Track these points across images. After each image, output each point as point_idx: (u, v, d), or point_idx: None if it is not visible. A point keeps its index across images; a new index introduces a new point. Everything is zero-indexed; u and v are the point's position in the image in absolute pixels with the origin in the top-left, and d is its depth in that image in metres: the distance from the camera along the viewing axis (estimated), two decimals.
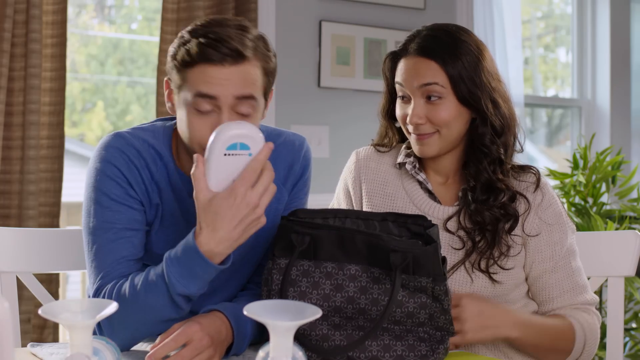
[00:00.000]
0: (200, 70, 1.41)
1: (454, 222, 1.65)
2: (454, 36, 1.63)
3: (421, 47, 1.62)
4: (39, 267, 1.84)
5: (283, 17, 3.40)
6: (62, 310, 1.06)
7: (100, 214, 1.48)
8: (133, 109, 4.52)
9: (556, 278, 1.65)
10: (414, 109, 1.62)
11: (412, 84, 1.62)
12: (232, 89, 1.41)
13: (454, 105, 1.61)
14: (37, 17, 2.87)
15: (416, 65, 1.62)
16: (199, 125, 1.43)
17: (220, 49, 1.40)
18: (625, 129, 4.41)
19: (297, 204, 1.66)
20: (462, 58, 1.60)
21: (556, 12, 4.89)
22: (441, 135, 1.63)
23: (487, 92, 1.62)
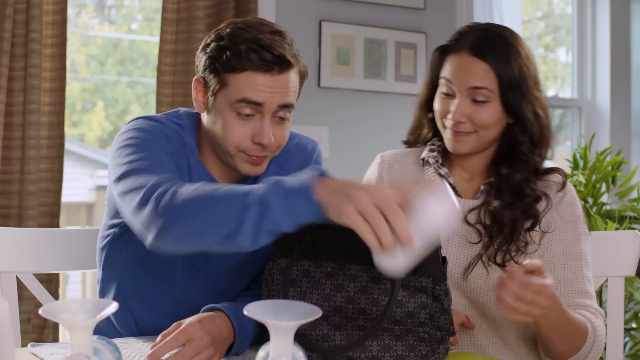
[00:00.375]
0: (248, 77, 1.44)
1: (473, 215, 1.67)
2: (508, 41, 1.63)
3: (475, 45, 1.62)
4: (39, 267, 1.84)
5: (283, 17, 3.41)
6: (62, 310, 1.06)
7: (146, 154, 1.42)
8: (133, 109, 4.52)
9: (564, 275, 1.63)
10: (458, 106, 1.63)
11: (461, 84, 1.63)
12: (278, 98, 1.46)
13: (498, 110, 1.63)
14: (37, 17, 2.87)
15: (468, 64, 1.62)
16: (240, 129, 1.47)
17: (268, 57, 1.43)
18: (625, 129, 4.41)
19: None
20: (513, 65, 1.61)
21: (556, 12, 4.89)
22: (478, 136, 1.64)
23: (531, 102, 1.63)
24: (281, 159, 1.63)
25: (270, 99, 1.45)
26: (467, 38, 1.64)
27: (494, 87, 1.61)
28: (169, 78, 3.14)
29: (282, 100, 1.47)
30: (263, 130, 1.47)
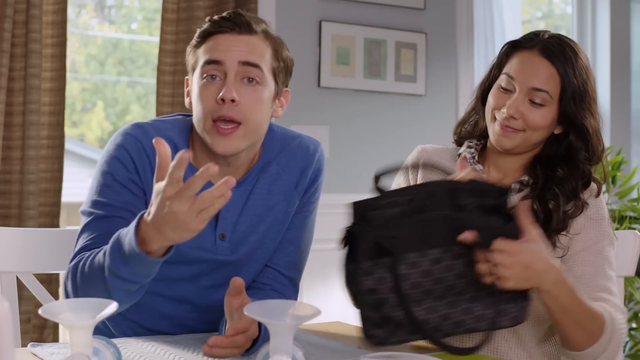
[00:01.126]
0: (210, 41, 1.51)
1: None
2: (577, 53, 1.66)
3: (547, 47, 1.64)
4: (39, 267, 1.84)
5: (283, 17, 3.40)
6: (62, 310, 1.06)
7: (101, 192, 1.51)
8: (133, 109, 4.52)
9: (584, 271, 1.62)
10: (515, 101, 1.64)
11: (524, 82, 1.64)
12: (238, 55, 1.49)
13: (552, 115, 1.65)
14: (37, 17, 2.87)
15: (537, 64, 1.64)
16: (206, 92, 1.49)
17: (231, 20, 1.50)
18: (625, 129, 4.41)
19: (308, 209, 1.66)
20: (578, 76, 1.63)
21: (556, 12, 4.89)
22: (525, 136, 1.66)
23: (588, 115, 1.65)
24: (283, 160, 1.63)
25: (231, 56, 1.48)
26: (539, 38, 1.66)
27: (554, 93, 1.63)
28: (169, 78, 3.14)
29: (244, 57, 1.49)
30: (225, 85, 1.48)
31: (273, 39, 1.55)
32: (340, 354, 1.49)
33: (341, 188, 3.43)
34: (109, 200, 1.50)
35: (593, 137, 1.67)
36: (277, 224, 1.62)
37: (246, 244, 1.60)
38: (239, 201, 1.58)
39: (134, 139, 1.53)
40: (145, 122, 1.58)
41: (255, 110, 1.51)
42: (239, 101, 1.48)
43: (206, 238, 1.56)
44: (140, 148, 1.52)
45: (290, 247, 1.66)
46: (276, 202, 1.61)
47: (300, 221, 1.66)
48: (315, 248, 1.89)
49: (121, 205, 1.50)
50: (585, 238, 1.65)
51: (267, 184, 1.61)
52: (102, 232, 1.47)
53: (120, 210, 1.50)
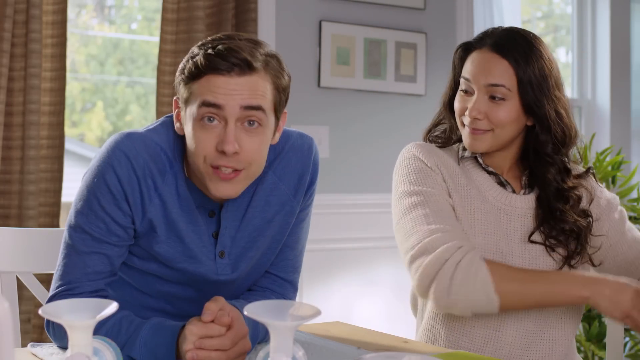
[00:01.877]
0: (206, 81, 1.38)
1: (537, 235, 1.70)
2: (530, 42, 1.66)
3: (497, 43, 1.65)
4: (39, 267, 1.84)
5: (283, 17, 3.40)
6: (62, 311, 1.06)
7: (85, 214, 1.46)
8: (132, 108, 4.52)
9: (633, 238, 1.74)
10: (475, 102, 1.65)
11: (479, 80, 1.65)
12: (239, 99, 1.38)
13: (515, 108, 1.65)
14: (37, 17, 2.87)
15: (488, 61, 1.65)
16: (204, 137, 1.39)
17: (228, 59, 1.37)
18: (625, 129, 4.41)
19: (304, 213, 1.64)
20: (534, 64, 1.64)
21: (556, 12, 4.89)
22: (494, 134, 1.66)
23: (552, 102, 1.65)
24: (278, 168, 1.57)
25: (231, 101, 1.37)
26: (491, 37, 1.68)
27: (512, 86, 1.63)
28: (169, 78, 3.14)
29: (245, 102, 1.38)
30: (226, 137, 1.38)
31: (272, 68, 1.43)
32: (340, 354, 1.49)
33: (341, 188, 3.43)
34: (90, 229, 1.45)
35: (556, 125, 1.66)
36: (277, 236, 1.59)
37: (246, 260, 1.56)
38: (236, 216, 1.53)
39: (124, 158, 1.44)
40: (138, 133, 1.49)
41: (257, 155, 1.43)
42: (240, 150, 1.40)
43: (206, 256, 1.52)
44: (129, 169, 1.44)
45: (288, 252, 1.63)
46: (275, 213, 1.57)
47: (297, 225, 1.63)
48: (316, 248, 1.89)
49: (102, 238, 1.45)
50: (611, 220, 1.74)
51: (265, 196, 1.55)
52: (80, 275, 1.45)
53: (100, 245, 1.46)
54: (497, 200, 1.71)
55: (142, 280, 1.56)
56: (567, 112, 1.69)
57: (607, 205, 1.76)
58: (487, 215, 1.69)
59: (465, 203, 1.69)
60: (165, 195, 1.48)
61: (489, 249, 1.65)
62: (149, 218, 1.47)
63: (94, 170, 1.47)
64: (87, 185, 1.47)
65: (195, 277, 1.53)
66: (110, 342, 1.21)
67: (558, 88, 1.68)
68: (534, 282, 1.54)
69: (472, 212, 1.69)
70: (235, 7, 3.24)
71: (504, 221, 1.69)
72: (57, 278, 1.48)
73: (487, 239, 1.67)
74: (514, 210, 1.70)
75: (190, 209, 1.50)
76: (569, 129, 1.68)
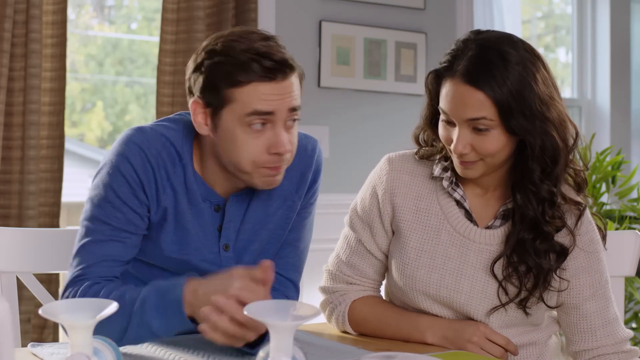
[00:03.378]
0: (253, 88, 1.41)
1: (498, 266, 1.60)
2: (504, 57, 1.50)
3: (468, 72, 1.50)
4: (39, 267, 1.84)
5: (283, 17, 3.40)
6: (62, 310, 1.06)
7: (103, 207, 1.49)
8: (132, 108, 4.52)
9: (596, 307, 1.61)
10: (459, 138, 1.53)
11: (459, 116, 1.52)
12: (287, 103, 1.44)
13: (501, 136, 1.52)
14: (37, 17, 2.87)
15: (463, 95, 1.50)
16: (255, 144, 1.43)
17: (270, 65, 1.41)
18: (625, 129, 4.41)
19: (307, 210, 1.66)
20: (511, 86, 1.49)
21: (556, 12, 4.89)
22: (485, 163, 1.55)
23: (538, 123, 1.51)
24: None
25: (280, 106, 1.43)
26: (461, 60, 1.51)
27: (493, 115, 1.49)
28: (169, 78, 3.14)
29: (291, 104, 1.45)
30: (279, 139, 1.43)
31: (297, 64, 1.48)
32: (340, 354, 1.49)
33: (341, 188, 3.43)
34: (109, 219, 1.48)
35: (547, 149, 1.52)
36: (278, 230, 1.61)
37: (249, 252, 1.58)
38: (240, 209, 1.56)
39: (137, 149, 1.48)
40: (148, 126, 1.53)
41: (296, 147, 1.51)
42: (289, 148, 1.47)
43: (210, 249, 1.55)
44: (144, 159, 1.48)
45: (290, 250, 1.65)
46: (277, 208, 1.59)
47: (299, 223, 1.65)
48: (315, 248, 1.89)
49: (121, 227, 1.48)
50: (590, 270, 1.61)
51: (267, 190, 1.57)
52: (97, 259, 1.47)
53: (118, 233, 1.48)
54: (457, 230, 1.63)
55: (147, 272, 1.57)
56: (558, 125, 1.53)
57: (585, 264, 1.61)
58: (439, 247, 1.62)
59: (417, 231, 1.64)
60: (176, 185, 1.51)
61: (432, 283, 1.61)
62: (164, 207, 1.51)
63: (109, 164, 1.50)
64: (102, 179, 1.50)
65: (199, 269, 1.54)
66: (110, 342, 1.21)
67: (544, 102, 1.51)
68: (383, 330, 1.66)
69: (422, 241, 1.63)
70: (235, 7, 3.24)
71: (458, 255, 1.61)
72: (71, 268, 1.49)
73: (431, 274, 1.61)
74: (470, 244, 1.61)
75: (197, 202, 1.53)
76: (558, 149, 1.53)
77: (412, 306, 1.66)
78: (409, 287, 1.63)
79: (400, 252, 1.65)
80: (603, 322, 1.61)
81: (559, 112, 1.54)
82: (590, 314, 1.61)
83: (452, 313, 1.62)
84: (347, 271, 1.72)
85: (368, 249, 1.71)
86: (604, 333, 1.61)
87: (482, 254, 1.61)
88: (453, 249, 1.62)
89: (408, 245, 1.64)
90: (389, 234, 1.69)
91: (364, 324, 1.69)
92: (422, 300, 1.63)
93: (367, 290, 1.73)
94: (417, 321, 1.62)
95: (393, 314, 1.66)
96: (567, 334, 1.66)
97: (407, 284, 1.63)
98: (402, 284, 1.64)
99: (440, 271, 1.61)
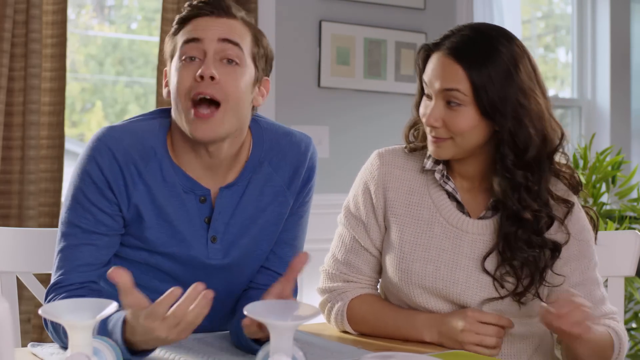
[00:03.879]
0: (189, 25, 1.49)
1: (491, 260, 1.60)
2: (491, 43, 1.54)
3: (453, 47, 1.54)
4: (39, 267, 1.84)
5: (283, 17, 3.40)
6: (62, 311, 1.06)
7: (74, 209, 1.51)
8: (132, 108, 4.52)
9: (585, 291, 1.61)
10: (432, 109, 1.56)
11: (434, 85, 1.56)
12: (218, 32, 1.47)
13: (473, 115, 1.53)
14: (37, 17, 2.87)
15: (442, 66, 1.55)
16: (185, 72, 1.46)
17: (210, 4, 1.49)
18: (625, 129, 4.41)
19: (302, 209, 1.65)
20: (491, 68, 1.52)
21: (556, 12, 4.89)
22: (455, 142, 1.56)
23: (512, 110, 1.52)
24: (274, 159, 1.59)
25: (209, 34, 1.46)
26: (450, 38, 1.57)
27: (466, 90, 1.52)
28: None
29: (223, 35, 1.47)
30: (204, 64, 1.45)
31: (253, 26, 1.54)
32: (340, 354, 1.49)
33: (341, 188, 3.43)
34: (79, 222, 1.49)
35: (520, 137, 1.53)
36: (270, 226, 1.60)
37: (238, 247, 1.57)
38: (230, 203, 1.56)
39: (105, 148, 1.49)
40: (120, 124, 1.54)
41: (234, 88, 1.46)
42: (218, 79, 1.44)
43: (198, 240, 1.54)
44: (110, 157, 1.48)
45: (286, 249, 1.64)
46: (268, 203, 1.59)
47: (295, 222, 1.64)
48: (317, 248, 1.89)
49: (90, 229, 1.49)
50: (580, 255, 1.62)
51: (259, 185, 1.58)
52: (72, 266, 1.50)
53: (89, 236, 1.49)
54: (449, 222, 1.63)
55: (134, 271, 1.56)
56: (537, 119, 1.54)
57: (577, 252, 1.62)
58: (433, 240, 1.63)
59: (410, 225, 1.65)
60: (149, 180, 1.51)
61: (428, 276, 1.61)
62: (135, 204, 1.51)
63: (78, 166, 1.52)
64: (73, 181, 1.52)
65: (187, 261, 1.55)
66: (110, 342, 1.21)
67: (524, 93, 1.53)
68: (381, 329, 1.66)
69: (416, 235, 1.64)
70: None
71: (452, 247, 1.62)
72: (52, 274, 1.53)
73: (426, 266, 1.61)
74: (463, 235, 1.62)
75: (177, 194, 1.53)
76: (532, 139, 1.53)
77: (409, 302, 1.66)
78: (404, 281, 1.64)
79: (394, 246, 1.66)
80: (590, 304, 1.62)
81: (539, 107, 1.56)
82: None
83: (448, 306, 1.63)
84: (344, 269, 1.73)
85: (363, 245, 1.71)
86: (594, 312, 1.61)
87: (476, 245, 1.62)
88: (447, 241, 1.63)
89: (402, 239, 1.65)
90: (383, 229, 1.70)
91: (362, 323, 1.69)
92: (419, 295, 1.63)
93: (365, 287, 1.74)
94: (414, 319, 1.62)
95: (390, 313, 1.66)
96: None
97: (403, 278, 1.64)
98: (398, 279, 1.65)
99: (435, 263, 1.62)
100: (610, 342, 1.59)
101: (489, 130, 1.57)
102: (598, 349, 1.55)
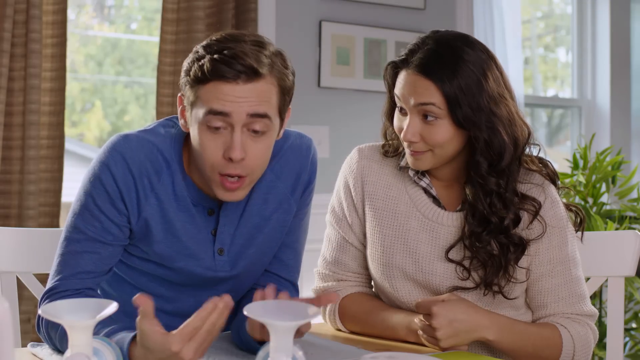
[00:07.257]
0: (213, 87, 1.38)
1: (456, 251, 1.63)
2: (456, 54, 1.56)
3: (421, 63, 1.56)
4: (39, 267, 1.84)
5: (283, 17, 3.40)
6: (62, 311, 1.06)
7: (82, 214, 1.48)
8: (131, 109, 4.52)
9: (553, 283, 1.62)
10: (408, 126, 1.58)
11: (409, 102, 1.58)
12: (246, 107, 1.38)
13: (449, 127, 1.56)
14: (37, 17, 2.87)
15: (413, 82, 1.57)
16: (211, 144, 1.40)
17: (234, 66, 1.37)
18: (625, 129, 4.41)
19: (303, 212, 1.65)
20: (460, 79, 1.54)
21: (556, 12, 4.89)
22: (434, 154, 1.59)
23: (486, 120, 1.55)
24: (276, 166, 1.58)
25: (238, 108, 1.37)
26: (417, 54, 1.58)
27: (441, 104, 1.55)
28: (169, 78, 3.14)
29: (252, 109, 1.38)
30: (232, 143, 1.39)
31: (277, 71, 1.42)
32: (340, 354, 1.49)
33: None
34: (85, 228, 1.47)
35: (493, 145, 1.56)
36: (275, 234, 1.59)
37: (245, 257, 1.57)
38: (235, 214, 1.55)
39: (120, 158, 1.47)
40: (134, 134, 1.51)
41: (261, 162, 1.45)
42: (245, 157, 1.40)
43: (205, 253, 1.53)
44: (125, 168, 1.46)
45: (288, 251, 1.64)
46: (272, 211, 1.58)
47: (296, 225, 1.64)
48: (316, 248, 1.89)
49: (96, 237, 1.47)
50: (550, 246, 1.62)
51: (263, 194, 1.57)
52: (71, 272, 1.47)
53: (93, 244, 1.47)
54: (426, 216, 1.66)
55: (141, 279, 1.56)
56: (509, 124, 1.58)
57: (546, 239, 1.62)
58: (410, 233, 1.65)
59: (388, 219, 1.68)
60: (161, 194, 1.49)
61: (408, 266, 1.64)
62: (145, 217, 1.49)
63: (91, 171, 1.49)
64: (84, 186, 1.50)
65: (194, 275, 1.54)
66: (110, 342, 1.21)
67: (495, 99, 1.56)
68: (371, 328, 1.69)
69: (395, 228, 1.66)
70: (235, 7, 3.24)
71: (429, 239, 1.65)
72: (50, 277, 1.50)
73: (405, 258, 1.64)
74: (440, 227, 1.64)
75: (187, 207, 1.51)
76: (506, 146, 1.56)
77: (393, 297, 1.68)
78: (387, 275, 1.67)
79: (375, 241, 1.69)
80: (556, 299, 1.63)
81: (509, 111, 1.59)
82: (545, 290, 1.63)
83: (431, 296, 1.64)
84: (334, 268, 1.75)
85: (349, 241, 1.74)
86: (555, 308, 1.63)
87: (452, 237, 1.64)
88: (424, 234, 1.65)
89: (382, 233, 1.68)
90: (364, 222, 1.72)
91: (353, 322, 1.72)
92: (401, 287, 1.66)
93: (357, 285, 1.76)
94: (397, 320, 1.64)
95: (378, 312, 1.68)
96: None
97: (385, 272, 1.67)
98: (380, 273, 1.68)
99: (414, 256, 1.65)
100: (557, 342, 1.59)
101: (465, 138, 1.60)
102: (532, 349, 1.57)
